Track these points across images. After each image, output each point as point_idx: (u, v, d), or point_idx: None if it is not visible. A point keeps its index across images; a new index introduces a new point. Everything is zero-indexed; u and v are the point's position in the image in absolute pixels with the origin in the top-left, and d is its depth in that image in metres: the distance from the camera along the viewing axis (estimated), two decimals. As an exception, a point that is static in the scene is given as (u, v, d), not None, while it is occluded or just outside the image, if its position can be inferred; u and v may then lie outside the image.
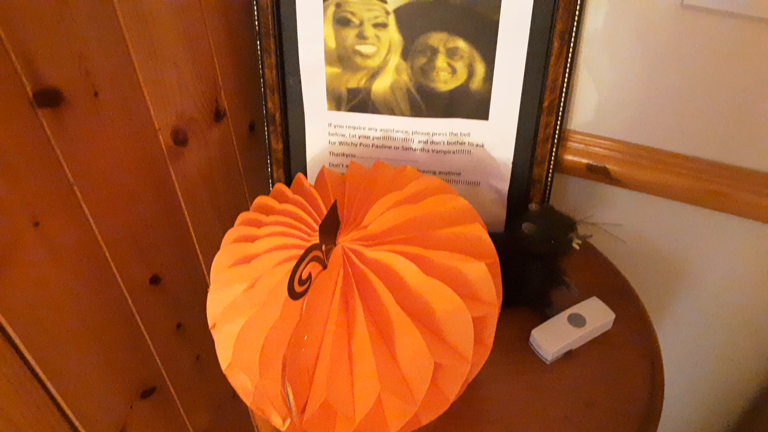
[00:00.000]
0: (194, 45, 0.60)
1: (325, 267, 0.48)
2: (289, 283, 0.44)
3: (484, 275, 0.49)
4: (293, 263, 0.47)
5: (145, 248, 0.60)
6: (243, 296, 0.50)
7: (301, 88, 0.68)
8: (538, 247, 0.61)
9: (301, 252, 0.49)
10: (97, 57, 0.48)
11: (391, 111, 0.69)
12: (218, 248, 0.55)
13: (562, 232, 0.60)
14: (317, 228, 0.51)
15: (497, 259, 0.53)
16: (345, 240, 0.51)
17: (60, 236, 0.49)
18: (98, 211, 0.52)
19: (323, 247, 0.48)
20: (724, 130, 0.65)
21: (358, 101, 0.69)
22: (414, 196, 0.55)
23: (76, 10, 0.45)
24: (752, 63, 0.60)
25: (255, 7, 0.64)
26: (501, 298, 0.53)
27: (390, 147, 0.71)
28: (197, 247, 0.68)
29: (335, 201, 0.50)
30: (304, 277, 0.45)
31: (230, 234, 0.55)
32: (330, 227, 0.50)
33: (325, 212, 0.54)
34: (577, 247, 0.60)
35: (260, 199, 0.58)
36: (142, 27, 0.53)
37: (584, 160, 0.73)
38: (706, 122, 0.65)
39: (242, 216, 0.57)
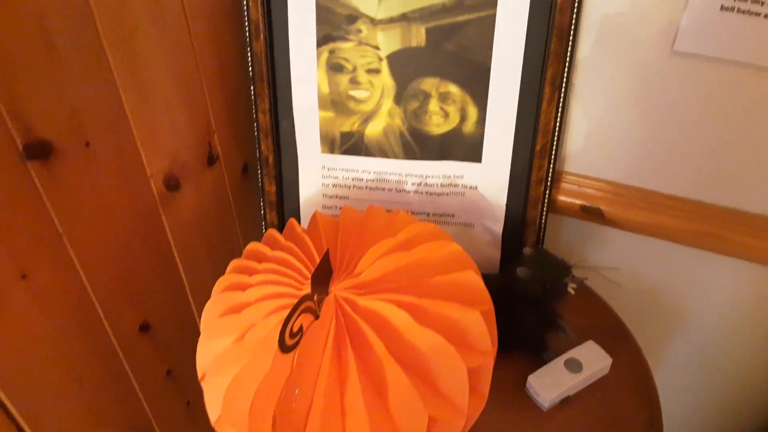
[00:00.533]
0: (187, 90, 0.60)
1: (317, 317, 0.47)
2: (279, 337, 0.43)
3: (478, 324, 0.48)
4: (285, 313, 0.46)
5: (136, 296, 0.59)
6: (233, 347, 0.49)
7: (294, 131, 0.68)
8: (533, 291, 0.60)
9: (292, 301, 0.48)
10: (90, 108, 0.48)
11: (384, 154, 0.69)
12: (210, 294, 0.54)
13: (556, 277, 0.59)
14: (309, 276, 0.51)
15: (492, 306, 0.52)
16: (337, 288, 0.50)
17: (48, 287, 0.48)
18: (87, 261, 0.51)
19: (315, 297, 0.47)
20: (717, 172, 0.65)
21: (351, 144, 0.69)
22: (407, 243, 0.54)
23: (68, 63, 0.45)
24: (743, 106, 0.60)
25: (249, 53, 0.64)
26: (496, 346, 0.52)
27: (384, 189, 0.71)
28: (189, 292, 0.67)
29: (327, 249, 0.49)
30: (295, 329, 0.44)
31: (221, 282, 0.54)
32: (322, 276, 0.49)
33: (317, 259, 0.54)
34: (573, 292, 0.59)
35: (252, 246, 0.57)
36: (135, 73, 0.52)
37: (578, 201, 0.73)
38: (699, 164, 0.66)
39: (234, 263, 0.56)
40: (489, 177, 0.68)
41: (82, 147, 0.48)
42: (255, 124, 0.68)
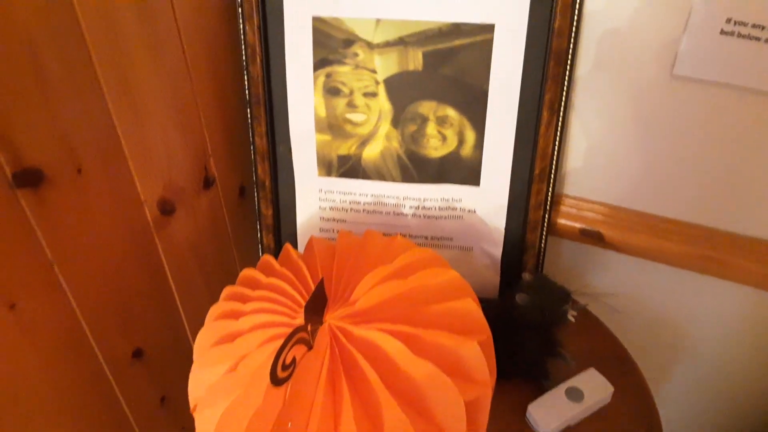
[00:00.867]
0: (183, 114, 0.60)
1: (310, 348, 0.46)
2: (271, 370, 0.42)
3: (476, 355, 0.47)
4: (278, 342, 0.45)
5: (128, 322, 0.58)
6: (225, 378, 0.48)
7: (291, 155, 0.68)
8: (532, 318, 0.59)
9: (286, 330, 0.47)
10: (82, 133, 0.48)
11: (381, 177, 0.68)
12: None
13: (556, 304, 0.58)
14: (304, 304, 0.50)
15: (491, 335, 0.51)
16: (332, 317, 0.49)
17: (37, 316, 0.47)
18: (78, 288, 0.50)
19: (309, 327, 0.46)
20: (719, 196, 0.64)
21: (348, 167, 0.68)
22: (404, 270, 0.53)
23: (59, 88, 0.45)
24: (743, 131, 0.59)
25: (246, 77, 0.64)
26: (495, 376, 0.51)
27: (381, 212, 0.70)
28: (184, 317, 0.66)
29: (322, 278, 0.48)
30: (287, 361, 0.43)
31: (214, 309, 0.53)
32: (316, 306, 0.48)
33: (312, 286, 0.53)
34: (573, 319, 0.58)
35: (246, 272, 0.56)
36: (129, 98, 0.52)
37: (577, 225, 0.72)
38: (700, 188, 0.65)
39: (227, 290, 0.55)
40: (487, 200, 0.67)
41: (73, 173, 0.47)
42: (252, 148, 0.67)
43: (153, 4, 0.53)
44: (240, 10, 0.61)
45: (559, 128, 0.61)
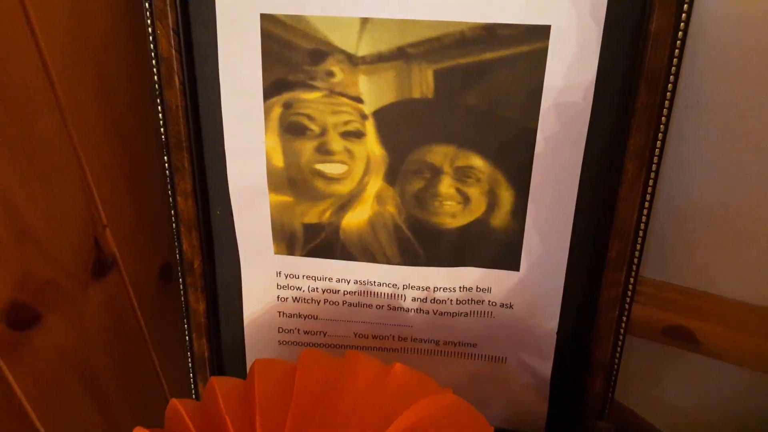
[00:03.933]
0: (48, 168, 0.41)
1: None
2: None
3: None
4: None
5: None
6: None
7: (233, 223, 0.49)
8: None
9: None
10: None
11: (371, 256, 0.50)
12: None
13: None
14: None
15: None
16: None
17: None
18: None
19: None
20: None
21: (320, 242, 0.50)
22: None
23: None
24: None
25: (160, 109, 0.45)
26: None
27: (371, 306, 0.52)
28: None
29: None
30: None
31: None
32: None
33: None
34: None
35: (140, 438, 0.36)
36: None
37: (658, 318, 0.54)
38: None
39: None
40: (531, 292, 0.50)
41: None
42: (172, 213, 0.48)
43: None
44: (147, 4, 0.42)
45: (650, 188, 0.42)
